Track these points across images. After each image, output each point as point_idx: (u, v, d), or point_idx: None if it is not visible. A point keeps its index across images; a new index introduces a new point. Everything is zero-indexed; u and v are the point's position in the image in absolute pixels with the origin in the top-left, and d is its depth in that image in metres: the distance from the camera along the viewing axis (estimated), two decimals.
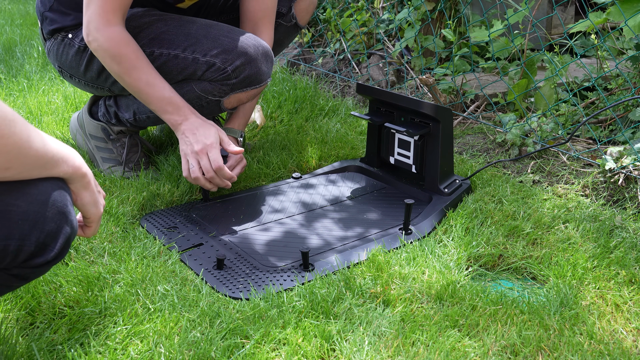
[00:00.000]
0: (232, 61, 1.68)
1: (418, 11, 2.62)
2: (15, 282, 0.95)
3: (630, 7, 1.78)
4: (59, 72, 1.90)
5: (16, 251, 0.88)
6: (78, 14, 1.72)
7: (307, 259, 1.38)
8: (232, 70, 1.69)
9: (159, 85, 1.63)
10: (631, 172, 1.72)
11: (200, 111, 1.79)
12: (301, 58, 3.22)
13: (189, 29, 1.71)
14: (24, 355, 1.10)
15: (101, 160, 1.93)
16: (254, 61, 1.71)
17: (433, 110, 1.67)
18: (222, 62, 1.69)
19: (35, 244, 0.89)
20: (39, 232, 0.89)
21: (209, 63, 1.69)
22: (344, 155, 2.05)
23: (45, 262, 0.92)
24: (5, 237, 0.86)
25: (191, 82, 1.73)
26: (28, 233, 0.88)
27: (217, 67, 1.69)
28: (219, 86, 1.72)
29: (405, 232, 1.55)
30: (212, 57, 1.68)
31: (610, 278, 1.35)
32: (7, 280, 0.93)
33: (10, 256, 0.88)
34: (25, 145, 0.86)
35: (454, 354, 1.11)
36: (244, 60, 1.69)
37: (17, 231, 0.87)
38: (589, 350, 1.12)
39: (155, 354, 1.10)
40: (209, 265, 1.42)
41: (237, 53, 1.69)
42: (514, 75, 2.27)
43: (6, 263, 0.89)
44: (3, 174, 0.85)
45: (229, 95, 1.74)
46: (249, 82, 1.73)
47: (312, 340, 1.14)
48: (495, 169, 1.94)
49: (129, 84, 1.63)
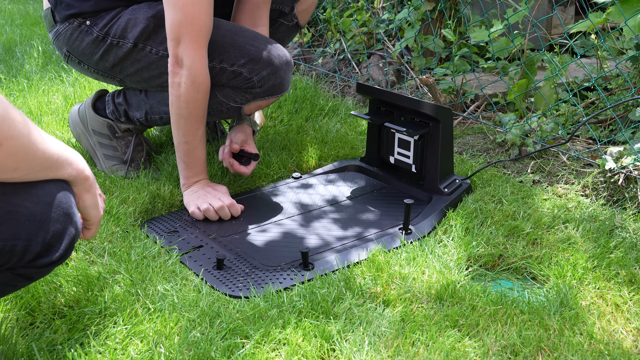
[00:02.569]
0: (259, 71, 1.69)
1: (418, 11, 2.62)
2: (21, 282, 0.97)
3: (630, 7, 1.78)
4: (64, 57, 1.84)
5: (23, 251, 0.90)
6: None
7: (307, 259, 1.39)
8: (257, 80, 1.70)
9: (204, 146, 1.69)
10: (631, 172, 1.72)
11: (219, 116, 1.82)
12: (301, 58, 3.22)
13: (214, 35, 1.69)
14: (24, 355, 1.10)
15: (103, 157, 1.92)
16: (279, 71, 1.72)
17: (433, 110, 1.67)
18: (248, 72, 1.69)
19: (42, 244, 0.91)
20: (45, 233, 0.90)
21: (235, 72, 1.70)
22: (343, 155, 2.05)
23: (50, 263, 0.94)
24: (13, 237, 0.88)
25: (214, 88, 1.73)
26: (34, 233, 0.89)
27: (244, 76, 1.70)
28: (242, 94, 1.73)
29: (405, 232, 1.55)
30: (239, 67, 1.69)
31: (610, 278, 1.35)
32: (13, 279, 0.95)
33: (17, 256, 0.90)
34: (33, 147, 0.87)
35: (454, 354, 1.11)
36: (270, 70, 1.70)
37: (24, 231, 0.88)
38: (589, 350, 1.12)
39: (155, 354, 1.10)
40: (209, 266, 1.42)
41: (263, 63, 1.69)
42: (514, 75, 2.27)
43: (13, 263, 0.90)
44: (11, 174, 0.87)
45: (250, 102, 1.75)
46: (272, 92, 1.75)
47: (312, 340, 1.14)
48: (495, 169, 1.94)
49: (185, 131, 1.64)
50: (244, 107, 1.77)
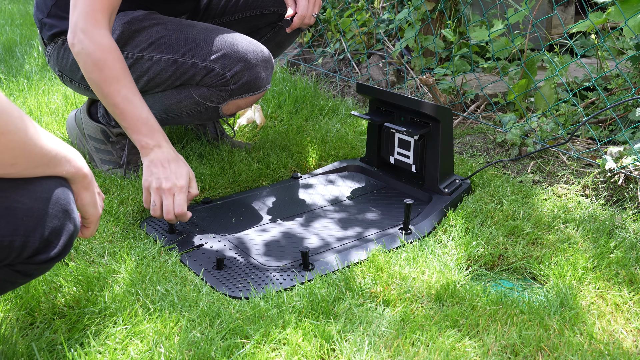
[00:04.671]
0: (232, 67, 1.67)
1: (418, 11, 2.62)
2: (20, 279, 0.97)
3: (630, 7, 1.78)
4: (59, 77, 1.88)
5: (21, 247, 0.90)
6: None
7: (306, 259, 1.39)
8: (231, 75, 1.67)
9: (137, 103, 1.55)
10: (631, 172, 1.72)
11: (198, 117, 1.79)
12: (301, 58, 3.22)
13: (188, 33, 1.69)
14: (24, 355, 1.10)
15: (100, 161, 1.92)
16: (254, 67, 1.69)
17: (433, 110, 1.67)
18: (221, 67, 1.67)
19: (40, 240, 0.91)
20: (43, 229, 0.91)
21: (208, 68, 1.67)
22: (343, 155, 2.05)
23: (49, 259, 0.94)
24: (11, 233, 0.88)
25: (189, 88, 1.71)
26: (32, 229, 0.90)
27: (216, 72, 1.67)
28: (217, 92, 1.71)
29: (405, 232, 1.55)
30: (211, 62, 1.67)
31: (610, 278, 1.35)
32: (11, 276, 0.95)
33: (16, 252, 0.90)
34: (30, 142, 0.87)
35: (454, 354, 1.11)
36: (243, 65, 1.67)
37: (22, 227, 0.89)
38: (589, 350, 1.12)
39: (155, 354, 1.10)
40: (209, 266, 1.42)
41: (236, 58, 1.67)
42: (514, 75, 2.27)
43: (11, 259, 0.91)
44: (8, 170, 0.87)
45: (228, 102, 1.73)
46: (247, 89, 1.71)
47: (312, 340, 1.14)
48: (495, 169, 1.94)
49: (106, 94, 1.54)
50: (222, 107, 1.74)
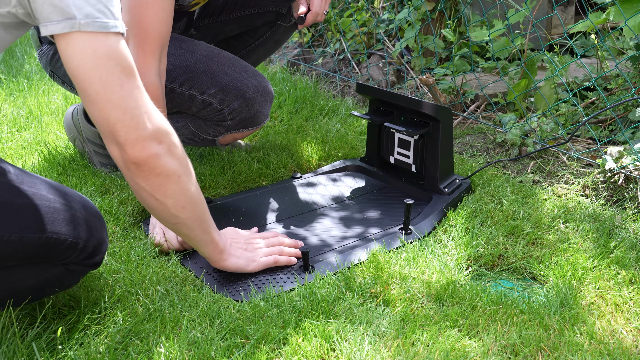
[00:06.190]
0: (230, 103, 1.63)
1: (418, 11, 2.62)
2: (66, 279, 1.13)
3: (630, 7, 1.78)
4: (50, 75, 1.87)
5: (81, 249, 1.10)
6: None
7: (307, 260, 1.38)
8: (228, 112, 1.64)
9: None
10: (631, 172, 1.72)
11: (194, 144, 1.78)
12: (301, 58, 3.22)
13: (187, 60, 1.64)
14: (24, 355, 1.10)
15: (99, 163, 1.92)
16: (252, 103, 1.65)
17: (433, 110, 1.67)
18: (219, 102, 1.63)
19: (93, 246, 1.12)
20: (94, 239, 1.12)
21: (205, 102, 1.64)
22: (343, 155, 2.05)
23: (94, 263, 1.14)
24: (76, 237, 1.09)
25: (186, 118, 1.68)
26: (89, 236, 1.11)
27: (214, 107, 1.64)
28: (214, 126, 1.68)
29: (405, 232, 1.55)
30: (209, 97, 1.63)
31: (610, 278, 1.35)
32: (63, 275, 1.12)
33: (77, 252, 1.09)
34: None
35: (454, 354, 1.11)
36: (242, 102, 1.64)
37: (83, 234, 1.10)
38: (589, 350, 1.12)
39: (155, 354, 1.10)
40: (209, 268, 1.41)
41: (235, 94, 1.63)
42: (514, 75, 2.27)
43: (72, 258, 1.10)
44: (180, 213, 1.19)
45: (224, 135, 1.72)
46: (245, 125, 1.69)
47: (312, 340, 1.14)
48: (495, 168, 1.94)
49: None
50: (219, 139, 1.73)
